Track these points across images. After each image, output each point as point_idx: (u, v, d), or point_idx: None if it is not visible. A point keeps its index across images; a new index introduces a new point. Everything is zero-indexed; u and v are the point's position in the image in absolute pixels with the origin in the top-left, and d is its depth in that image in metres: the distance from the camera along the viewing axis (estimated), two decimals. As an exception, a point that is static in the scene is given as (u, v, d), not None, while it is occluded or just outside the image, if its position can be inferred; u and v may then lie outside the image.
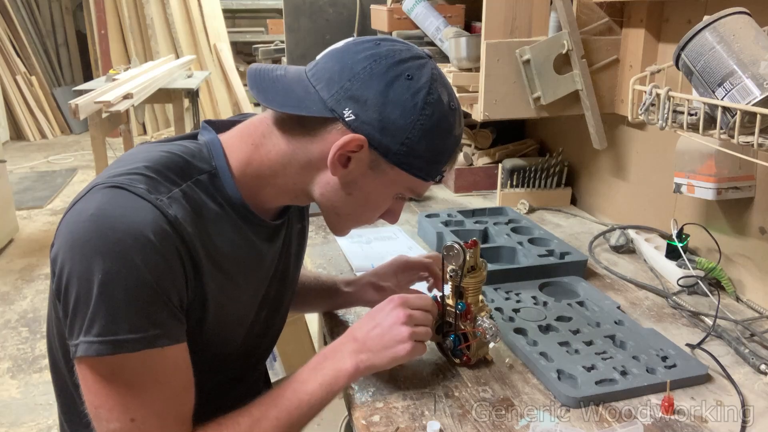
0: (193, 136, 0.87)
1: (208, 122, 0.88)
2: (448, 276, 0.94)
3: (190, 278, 0.76)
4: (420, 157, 0.81)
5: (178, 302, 0.75)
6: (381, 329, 0.86)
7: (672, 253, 1.27)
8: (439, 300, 0.96)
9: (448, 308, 0.95)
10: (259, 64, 0.87)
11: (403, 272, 1.08)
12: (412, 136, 0.79)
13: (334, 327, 1.10)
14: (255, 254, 0.87)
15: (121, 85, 3.24)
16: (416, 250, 1.40)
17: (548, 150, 1.83)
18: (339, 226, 0.90)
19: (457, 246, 0.92)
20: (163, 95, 3.64)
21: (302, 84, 0.81)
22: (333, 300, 1.13)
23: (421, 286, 1.10)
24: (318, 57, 0.84)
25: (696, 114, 0.97)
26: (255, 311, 0.92)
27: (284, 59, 2.60)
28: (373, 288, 1.08)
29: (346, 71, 0.79)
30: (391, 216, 0.91)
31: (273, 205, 0.89)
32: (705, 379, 0.94)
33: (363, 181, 0.83)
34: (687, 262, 1.22)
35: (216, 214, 0.80)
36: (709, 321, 1.10)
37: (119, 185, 0.72)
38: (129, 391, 0.72)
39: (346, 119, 0.78)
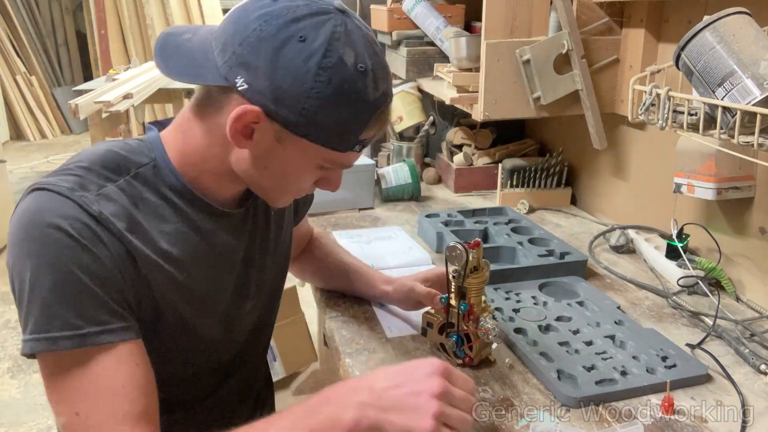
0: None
1: (154, 123, 0.87)
2: (450, 277, 0.94)
3: (128, 273, 0.75)
4: (324, 128, 0.75)
5: (120, 298, 0.74)
6: (407, 390, 0.69)
7: (672, 253, 1.27)
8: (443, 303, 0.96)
9: (451, 309, 0.95)
10: (175, 27, 0.83)
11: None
12: (309, 106, 0.73)
13: (335, 328, 1.10)
14: (208, 242, 0.85)
15: (121, 85, 3.24)
16: (416, 249, 1.40)
17: (548, 150, 1.83)
18: (270, 198, 0.87)
19: (459, 246, 0.92)
20: (163, 95, 3.63)
21: (204, 49, 0.76)
22: (367, 293, 1.15)
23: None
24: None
25: (696, 114, 0.97)
26: (229, 302, 0.91)
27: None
28: (415, 290, 1.05)
29: (238, 34, 0.73)
30: (328, 185, 0.86)
31: (224, 193, 0.87)
32: (705, 379, 0.94)
33: (274, 154, 0.78)
34: (687, 262, 1.22)
35: (158, 206, 0.80)
36: (709, 321, 1.10)
37: (43, 186, 0.74)
38: (70, 387, 0.72)
39: (239, 88, 0.73)
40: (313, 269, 1.22)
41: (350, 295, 1.19)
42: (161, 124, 0.86)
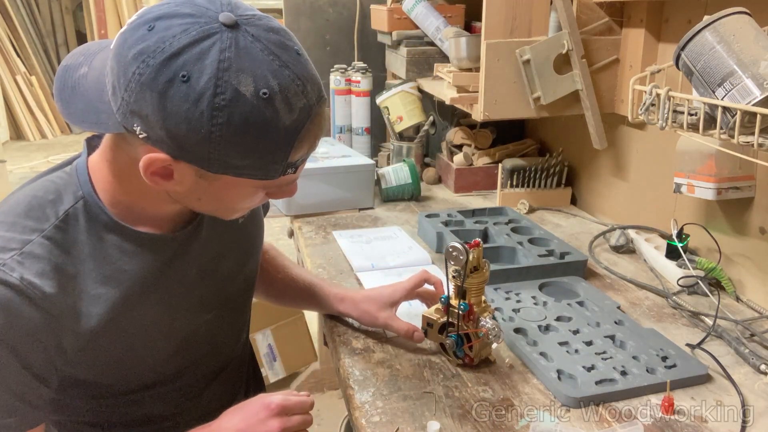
0: (74, 160, 0.81)
1: (92, 138, 0.81)
2: (451, 276, 0.94)
3: (51, 338, 0.72)
4: (242, 166, 0.68)
5: (40, 365, 0.72)
6: None
7: (672, 253, 1.27)
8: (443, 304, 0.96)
9: (451, 309, 0.95)
10: (72, 55, 0.74)
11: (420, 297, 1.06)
12: (215, 150, 0.65)
13: (334, 327, 1.10)
14: (155, 271, 0.80)
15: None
16: (416, 249, 1.40)
17: (548, 150, 1.83)
18: (219, 216, 0.81)
19: (459, 246, 0.92)
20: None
21: (99, 89, 0.69)
22: (325, 310, 1.12)
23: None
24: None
25: (696, 114, 0.97)
26: (184, 320, 0.87)
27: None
28: (369, 316, 1.04)
29: (122, 76, 0.65)
30: (282, 194, 0.79)
31: (167, 213, 0.81)
32: (705, 379, 0.94)
33: (202, 188, 0.71)
34: (687, 262, 1.22)
35: (93, 248, 0.75)
36: (709, 321, 1.10)
37: None
38: None
39: (140, 136, 0.66)
40: (262, 285, 1.13)
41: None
42: (100, 138, 0.80)
